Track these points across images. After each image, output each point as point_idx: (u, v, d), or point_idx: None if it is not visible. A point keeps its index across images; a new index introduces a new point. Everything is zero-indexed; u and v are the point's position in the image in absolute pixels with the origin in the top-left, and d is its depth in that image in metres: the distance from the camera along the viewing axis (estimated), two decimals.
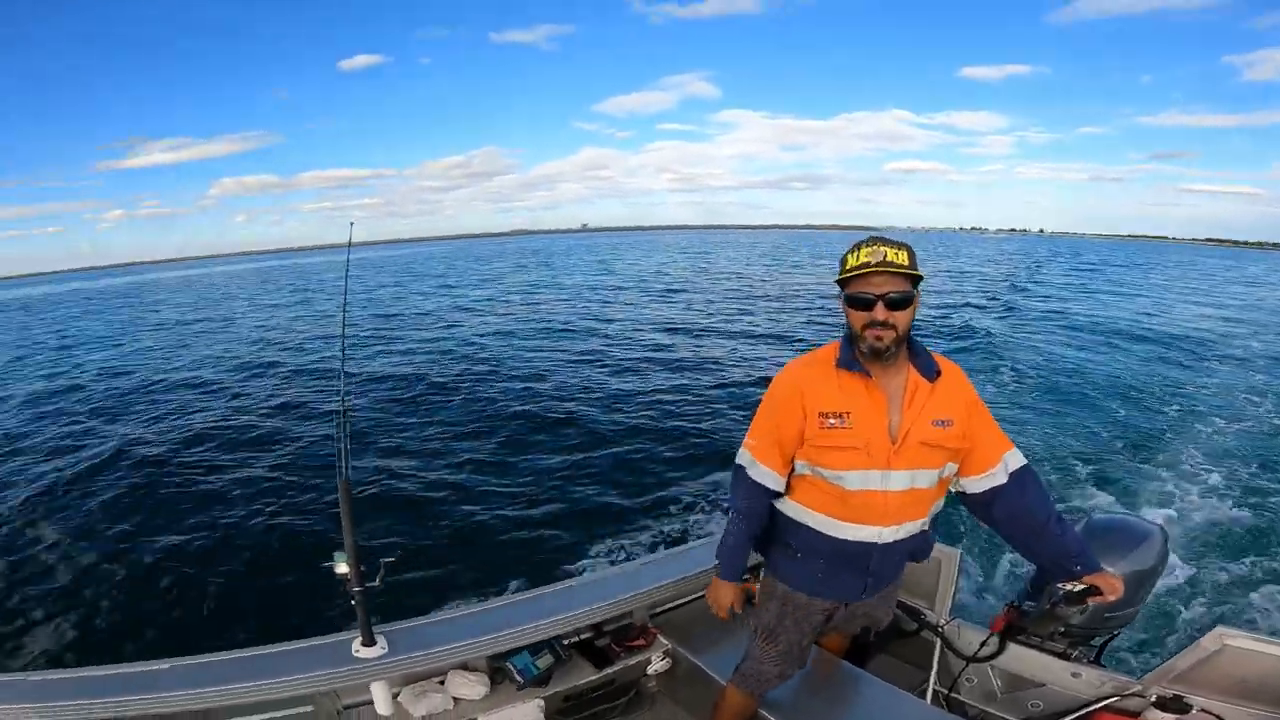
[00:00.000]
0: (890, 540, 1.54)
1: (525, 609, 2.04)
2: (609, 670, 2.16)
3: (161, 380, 11.70)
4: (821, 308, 17.61)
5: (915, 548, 1.66)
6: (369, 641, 1.77)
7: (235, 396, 10.28)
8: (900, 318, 1.37)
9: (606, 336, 13.87)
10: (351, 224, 2.97)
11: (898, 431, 1.44)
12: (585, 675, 2.13)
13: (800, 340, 12.75)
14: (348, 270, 3.08)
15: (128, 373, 12.65)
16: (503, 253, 74.70)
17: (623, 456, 6.84)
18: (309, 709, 1.87)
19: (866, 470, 1.45)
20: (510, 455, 6.92)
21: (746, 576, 2.34)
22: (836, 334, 1.56)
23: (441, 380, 10.33)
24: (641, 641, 2.24)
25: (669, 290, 22.96)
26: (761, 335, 13.69)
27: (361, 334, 15.50)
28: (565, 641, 2.15)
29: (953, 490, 1.61)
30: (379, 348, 13.60)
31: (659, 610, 2.41)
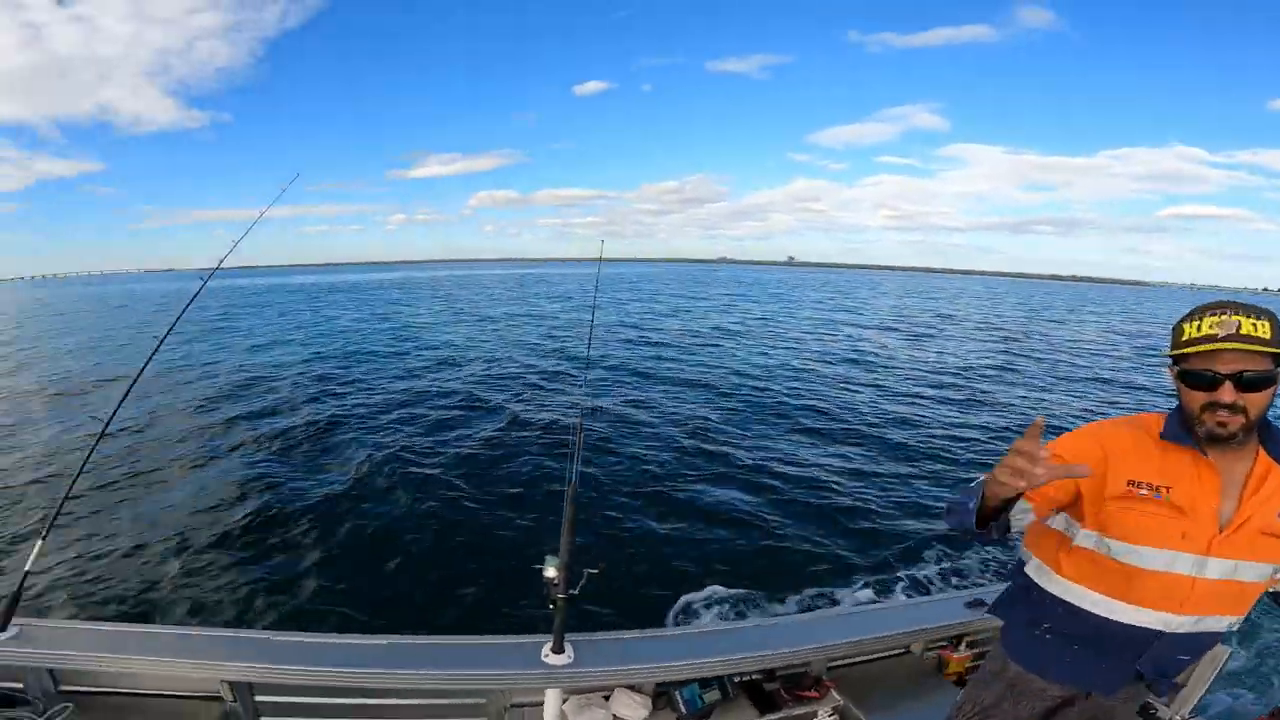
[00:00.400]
0: (1181, 631, 1.34)
1: (704, 641, 2.05)
2: (772, 716, 2.12)
3: (475, 363, 14.53)
4: (1110, 367, 16.26)
5: (1204, 645, 1.44)
6: (559, 649, 1.81)
7: (502, 388, 11.40)
8: (1255, 400, 1.18)
9: (871, 370, 14.24)
10: (602, 241, 3.43)
11: (1232, 517, 1.26)
12: (747, 717, 2.11)
13: (1088, 403, 11.98)
14: (598, 284, 3.60)
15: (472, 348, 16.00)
16: (716, 279, 76.66)
17: (883, 491, 6.72)
18: (482, 701, 1.98)
19: (1177, 552, 1.28)
20: (745, 487, 6.75)
21: (944, 643, 2.33)
22: (1131, 394, 1.44)
23: (686, 397, 10.71)
24: (814, 693, 2.17)
25: (919, 334, 22.43)
26: (1043, 387, 13.15)
27: (612, 343, 17.16)
28: (735, 679, 2.14)
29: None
30: (628, 361, 14.54)
31: (839, 663, 2.33)
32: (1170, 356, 1.27)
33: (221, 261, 2.87)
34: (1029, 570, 1.54)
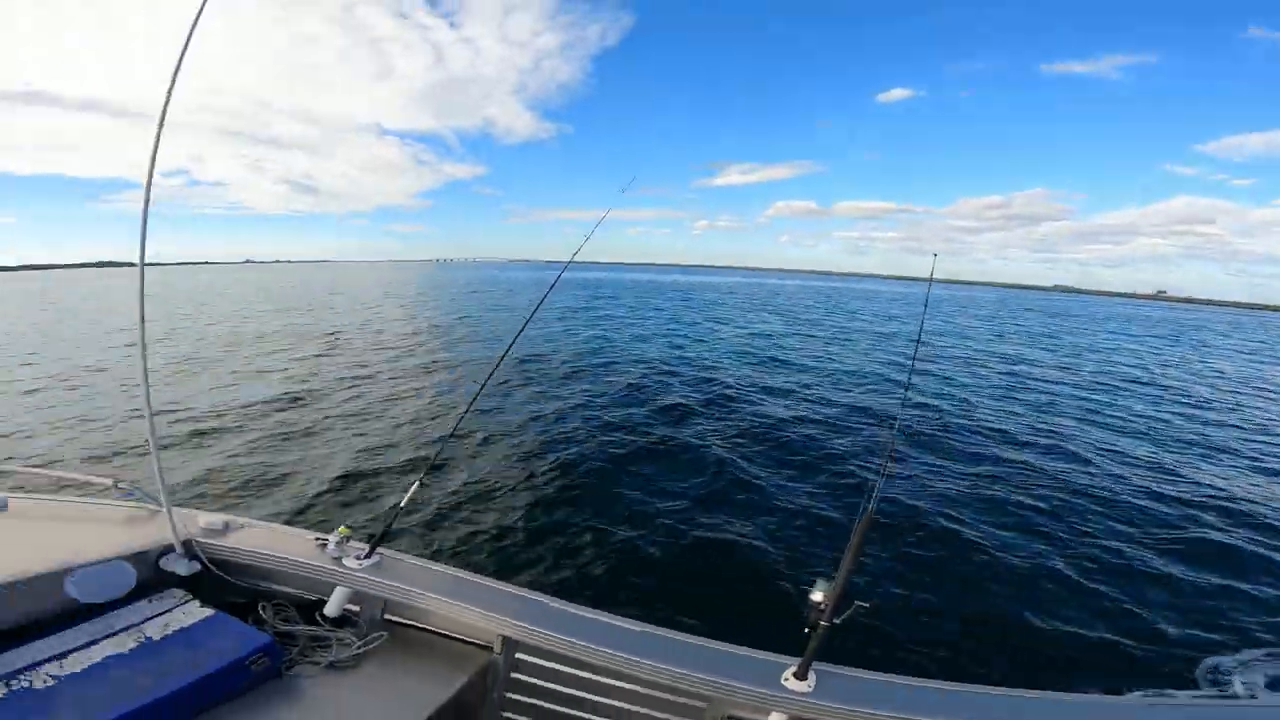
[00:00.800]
0: None
1: (961, 700, 1.74)
2: None
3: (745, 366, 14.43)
4: None
5: None
6: (802, 675, 1.74)
7: (807, 398, 11.15)
8: None
9: None
10: (935, 255, 2.98)
11: None
12: None
13: None
14: (926, 306, 3.52)
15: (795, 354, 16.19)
16: (1070, 311, 65.26)
17: None
18: (703, 706, 1.89)
19: None
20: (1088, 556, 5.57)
21: None
22: None
23: (1032, 438, 9.40)
24: None
25: None
26: None
27: (980, 370, 15.71)
28: None
29: None
30: (988, 390, 13.30)
31: None
32: None
33: (575, 254, 3.22)
34: None
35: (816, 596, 1.75)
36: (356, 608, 2.20)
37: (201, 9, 1.90)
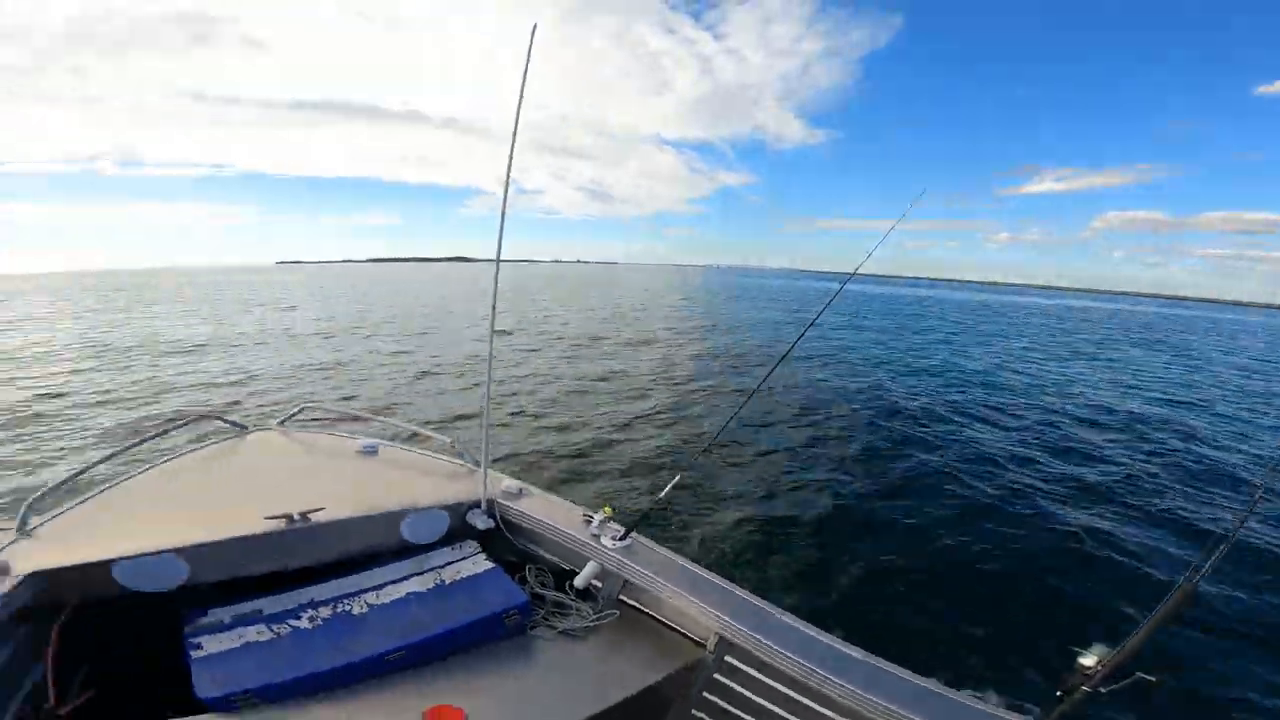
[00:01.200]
0: None
1: None
2: None
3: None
4: None
5: None
6: None
7: (1138, 439, 9.89)
8: None
9: None
10: None
11: None
12: None
13: None
14: None
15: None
16: None
17: None
18: None
19: None
20: None
21: None
22: None
23: None
24: None
25: None
26: None
27: None
28: None
29: None
30: None
31: None
32: None
33: (858, 267, 3.11)
34: None
35: (1088, 660, 1.51)
36: (600, 584, 2.30)
37: (531, 42, 2.17)
